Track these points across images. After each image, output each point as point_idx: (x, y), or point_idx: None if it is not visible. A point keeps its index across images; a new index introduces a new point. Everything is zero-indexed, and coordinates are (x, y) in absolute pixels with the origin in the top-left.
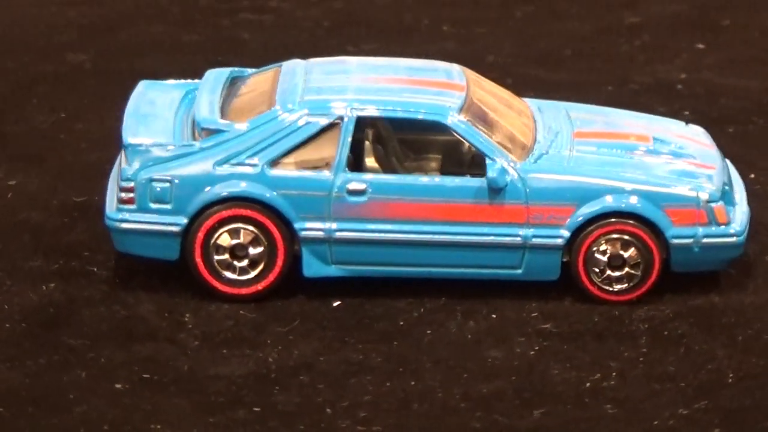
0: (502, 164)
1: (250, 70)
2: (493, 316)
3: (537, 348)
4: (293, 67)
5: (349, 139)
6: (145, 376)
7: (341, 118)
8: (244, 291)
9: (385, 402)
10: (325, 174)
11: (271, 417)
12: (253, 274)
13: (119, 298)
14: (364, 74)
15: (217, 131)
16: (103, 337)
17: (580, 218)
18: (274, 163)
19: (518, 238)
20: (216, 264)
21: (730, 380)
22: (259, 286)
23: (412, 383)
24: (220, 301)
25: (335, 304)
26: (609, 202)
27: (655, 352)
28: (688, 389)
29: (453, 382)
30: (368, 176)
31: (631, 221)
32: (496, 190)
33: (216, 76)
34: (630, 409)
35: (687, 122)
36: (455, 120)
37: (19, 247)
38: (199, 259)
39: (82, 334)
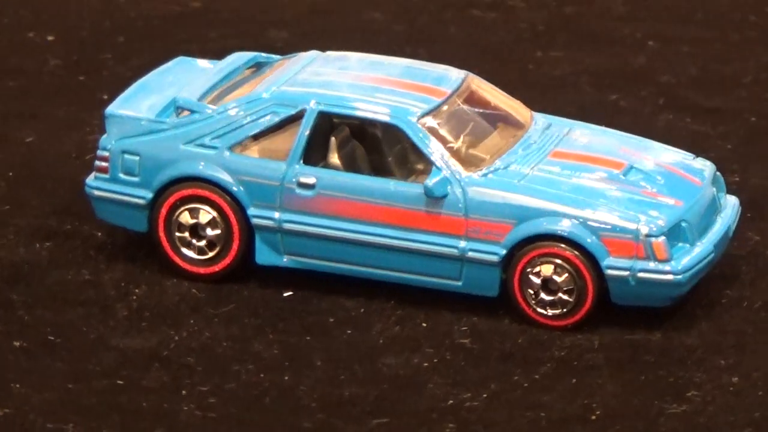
0: (444, 174)
1: (276, 57)
2: (424, 324)
3: (435, 361)
4: (303, 57)
5: (307, 132)
6: (50, 338)
7: (304, 110)
8: (202, 270)
9: (242, 392)
10: (280, 164)
11: (126, 391)
12: (210, 255)
13: (96, 264)
14: (359, 72)
15: (191, 111)
16: (46, 298)
17: (517, 237)
18: (235, 147)
19: (456, 250)
20: (177, 241)
21: (594, 417)
22: (216, 268)
23: (285, 378)
24: (181, 277)
25: (286, 294)
26: (545, 224)
27: (546, 380)
28: (543, 420)
29: (324, 383)
30: (318, 171)
31: (564, 246)
32: (435, 199)
33: (234, 60)
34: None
35: (695, 156)
36: (411, 124)
37: (41, 203)
38: (161, 234)
39: (30, 293)
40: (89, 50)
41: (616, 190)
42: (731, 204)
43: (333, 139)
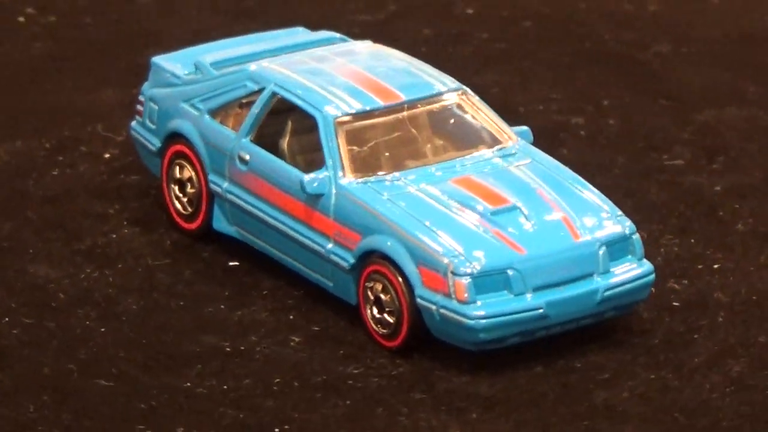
0: (326, 174)
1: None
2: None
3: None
4: (345, 45)
5: (257, 110)
6: None
7: (263, 88)
8: (186, 226)
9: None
10: (232, 136)
11: None
12: (189, 210)
13: (114, 204)
14: (352, 65)
15: (199, 71)
16: (36, 224)
17: (361, 249)
18: (214, 112)
19: (324, 250)
20: (171, 193)
21: None
22: (193, 225)
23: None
24: (176, 230)
25: (231, 264)
26: (377, 241)
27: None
28: None
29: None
30: (253, 149)
31: (391, 267)
32: (315, 197)
33: (291, 33)
34: None
35: (618, 214)
36: (325, 120)
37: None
38: (164, 185)
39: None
40: None
41: (472, 225)
42: (633, 269)
43: (290, 123)
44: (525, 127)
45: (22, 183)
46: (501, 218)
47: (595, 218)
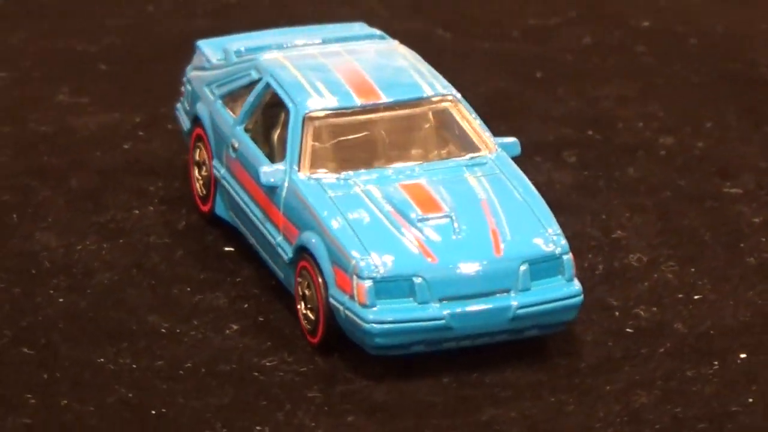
0: (281, 167)
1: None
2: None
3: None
4: (365, 42)
5: (252, 99)
6: None
7: (260, 78)
8: (202, 207)
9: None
10: (230, 123)
11: None
12: (204, 193)
13: (158, 182)
14: (355, 63)
15: (224, 58)
16: (74, 193)
17: (296, 245)
18: (225, 98)
19: (274, 241)
20: (193, 174)
21: None
22: (206, 208)
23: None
24: (197, 212)
25: (226, 249)
26: (306, 237)
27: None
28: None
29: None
30: (242, 137)
31: (314, 264)
32: (271, 188)
33: (345, 28)
34: None
35: (557, 233)
36: (296, 114)
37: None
38: (189, 166)
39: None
40: None
41: (396, 230)
42: (556, 289)
43: (282, 116)
44: (513, 139)
45: (89, 153)
46: (427, 226)
47: (529, 236)
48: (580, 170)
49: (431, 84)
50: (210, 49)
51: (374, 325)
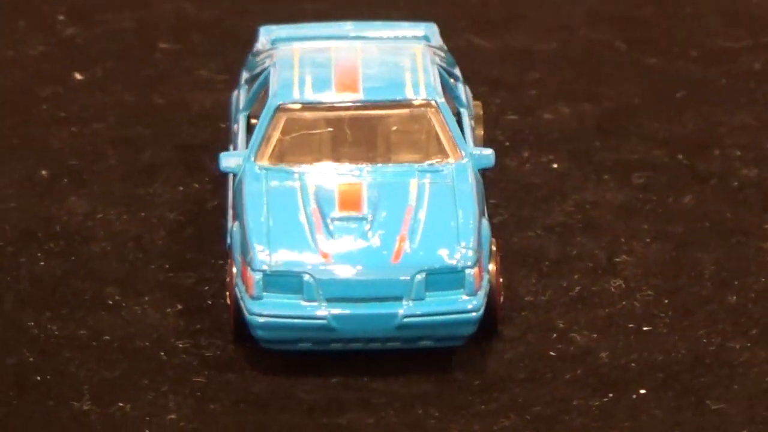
0: (240, 154)
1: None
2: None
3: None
4: (389, 42)
5: (256, 86)
6: None
7: (267, 68)
8: None
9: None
10: (238, 107)
11: None
12: None
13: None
14: (360, 59)
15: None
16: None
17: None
18: (248, 84)
19: (228, 227)
20: None
21: None
22: None
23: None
24: None
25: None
26: (231, 227)
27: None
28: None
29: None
30: (241, 122)
31: (230, 253)
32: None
33: (413, 26)
34: None
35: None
36: (271, 105)
37: None
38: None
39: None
40: None
41: (306, 227)
42: (452, 303)
43: None
44: (489, 151)
45: (182, 128)
46: (338, 225)
47: (436, 247)
48: (637, 192)
49: (416, 88)
50: (265, 35)
51: (256, 317)
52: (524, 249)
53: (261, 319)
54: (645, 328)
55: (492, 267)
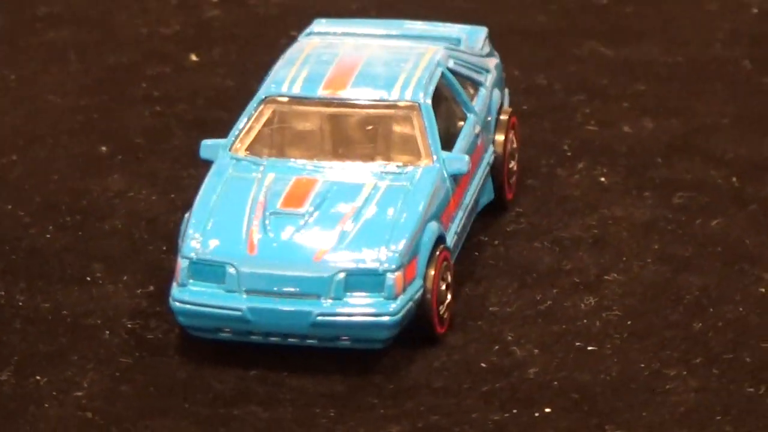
0: (220, 142)
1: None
2: None
3: None
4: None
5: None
6: None
7: None
8: None
9: None
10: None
11: None
12: None
13: None
14: (362, 56)
15: None
16: (172, 151)
17: None
18: None
19: None
20: None
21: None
22: None
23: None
24: None
25: None
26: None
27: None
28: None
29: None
30: None
31: None
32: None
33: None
34: None
35: (389, 251)
36: (260, 95)
37: None
38: None
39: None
40: None
41: (246, 218)
42: (368, 305)
43: None
44: (465, 157)
45: (217, 113)
46: (274, 220)
47: (363, 248)
48: (668, 212)
49: (405, 89)
50: (315, 26)
51: (177, 304)
52: (519, 259)
53: (181, 306)
54: (590, 348)
55: (432, 272)
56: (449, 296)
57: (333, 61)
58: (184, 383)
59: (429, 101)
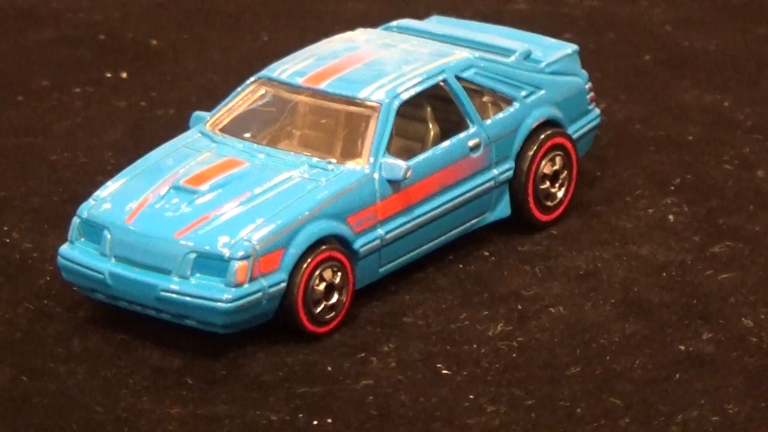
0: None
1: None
2: None
3: None
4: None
5: None
6: None
7: None
8: None
9: None
10: None
11: None
12: None
13: None
14: (363, 53)
15: None
16: None
17: None
18: None
19: None
20: None
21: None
22: None
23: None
24: None
25: None
26: None
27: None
28: None
29: None
30: None
31: None
32: None
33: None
34: None
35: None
36: (251, 80)
37: None
38: None
39: None
40: None
41: (152, 188)
42: (205, 289)
43: None
44: (403, 165)
45: None
46: (168, 194)
47: (222, 233)
48: (699, 252)
49: (378, 90)
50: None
51: (60, 259)
52: (491, 277)
53: (60, 260)
54: (444, 372)
55: (303, 268)
56: (338, 297)
57: (340, 55)
58: (94, 356)
59: (395, 104)
